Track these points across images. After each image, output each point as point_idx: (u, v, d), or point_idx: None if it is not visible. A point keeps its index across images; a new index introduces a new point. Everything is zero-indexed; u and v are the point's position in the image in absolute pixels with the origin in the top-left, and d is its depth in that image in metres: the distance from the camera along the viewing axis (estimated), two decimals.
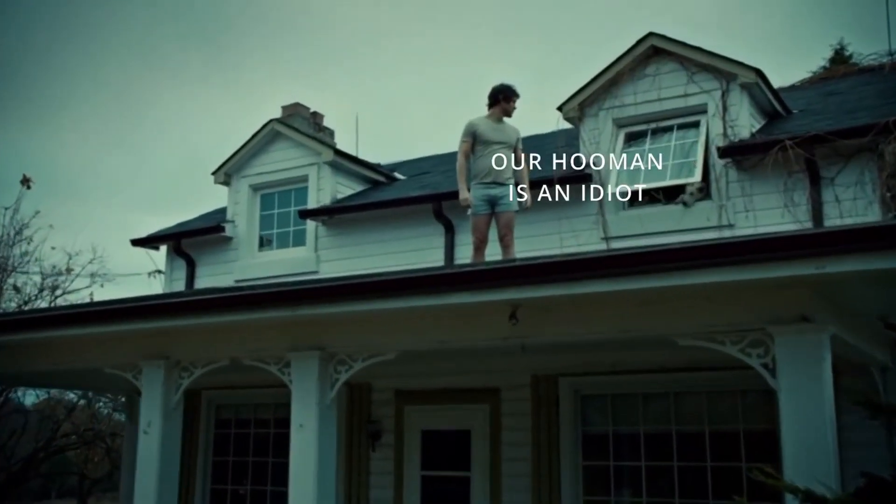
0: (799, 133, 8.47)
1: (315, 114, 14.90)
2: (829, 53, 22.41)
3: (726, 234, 8.75)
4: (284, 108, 14.42)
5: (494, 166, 7.65)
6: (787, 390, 5.00)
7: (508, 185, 7.75)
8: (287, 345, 6.68)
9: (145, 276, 13.17)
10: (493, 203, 7.70)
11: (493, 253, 7.98)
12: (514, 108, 7.87)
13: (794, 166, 8.44)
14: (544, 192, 9.43)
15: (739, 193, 8.87)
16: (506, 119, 7.98)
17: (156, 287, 12.81)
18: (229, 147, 12.30)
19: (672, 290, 5.05)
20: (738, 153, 8.86)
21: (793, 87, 11.99)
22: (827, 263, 4.47)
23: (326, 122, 15.00)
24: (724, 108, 9.13)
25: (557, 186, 9.47)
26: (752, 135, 9.07)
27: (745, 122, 9.08)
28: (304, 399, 6.60)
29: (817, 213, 8.31)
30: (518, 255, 9.49)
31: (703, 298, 5.26)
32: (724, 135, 9.05)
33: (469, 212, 7.83)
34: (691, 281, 4.85)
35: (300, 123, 13.78)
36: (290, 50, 52.40)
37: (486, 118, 7.92)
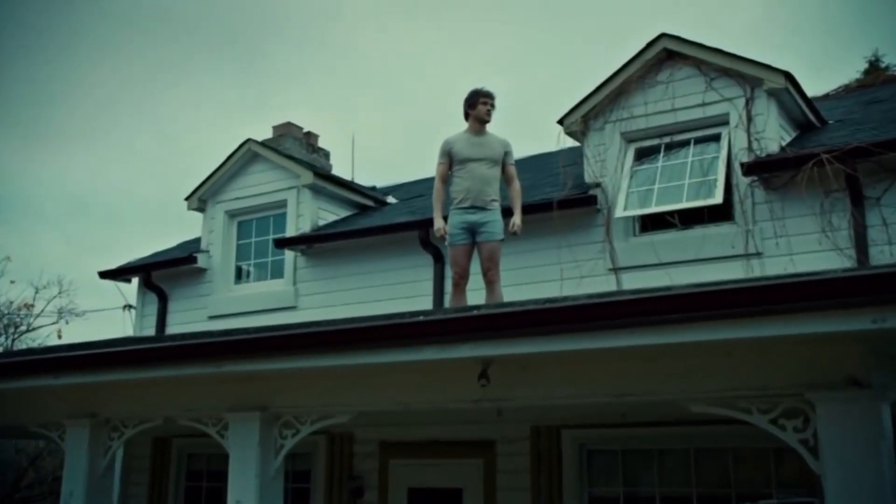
0: (837, 145, 7.30)
1: (309, 134, 13.92)
2: (862, 66, 21.28)
3: (753, 263, 7.60)
4: (275, 127, 13.48)
5: (472, 187, 6.54)
6: (834, 475, 3.86)
7: (491, 209, 6.61)
8: (225, 403, 5.72)
9: (120, 310, 12.03)
10: (473, 231, 6.58)
11: (480, 287, 6.86)
12: (488, 109, 6.73)
13: (832, 184, 7.27)
14: (542, 218, 8.31)
15: (768, 216, 7.69)
16: (490, 131, 6.86)
17: (127, 324, 11.79)
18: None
19: (682, 345, 3.92)
20: (765, 169, 7.68)
21: (826, 97, 10.80)
22: (888, 315, 3.31)
23: (325, 144, 14.05)
24: (749, 119, 7.96)
25: (557, 210, 8.31)
26: (782, 148, 7.90)
27: (774, 134, 7.90)
28: (242, 469, 5.58)
29: (861, 239, 7.13)
30: (519, 290, 8.42)
31: (723, 355, 4.18)
32: (749, 149, 7.89)
33: (446, 242, 6.71)
34: (706, 337, 3.72)
35: (292, 144, 12.82)
36: (308, 72, 51.88)
37: (464, 133, 6.83)
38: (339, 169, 14.53)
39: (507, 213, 6.87)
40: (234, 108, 45.58)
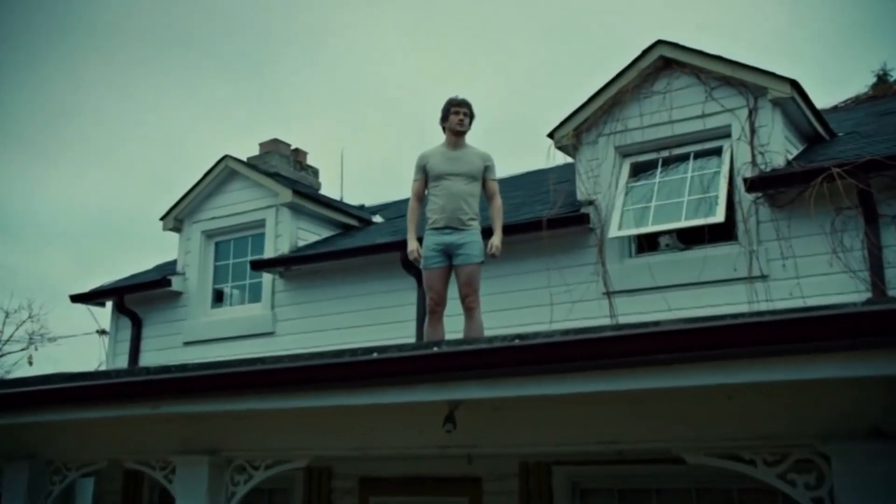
0: (849, 159, 6.73)
1: (297, 151, 13.37)
2: (870, 80, 20.74)
3: (758, 286, 7.03)
4: (262, 144, 12.93)
5: (447, 205, 5.99)
6: None
7: (468, 228, 6.04)
8: (173, 446, 5.21)
9: (95, 336, 11.50)
10: (449, 253, 6.01)
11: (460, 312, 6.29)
12: (461, 119, 6.17)
13: (843, 201, 6.71)
14: (530, 238, 7.75)
15: (774, 236, 7.11)
16: (469, 143, 6.31)
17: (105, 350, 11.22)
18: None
19: (676, 389, 3.36)
20: (770, 185, 7.12)
21: (835, 109, 10.23)
22: None
23: (319, 161, 13.58)
24: (752, 131, 7.40)
25: (546, 230, 7.74)
26: (789, 162, 7.33)
27: (779, 148, 7.34)
28: None
29: (875, 261, 6.56)
30: (505, 316, 7.91)
31: (723, 397, 3.66)
32: (753, 163, 7.32)
33: (420, 265, 6.15)
34: (700, 382, 3.17)
35: (279, 161, 12.26)
36: (306, 88, 51.55)
37: (441, 146, 6.29)
38: (330, 187, 14.02)
39: (489, 233, 6.31)
40: (234, 122, 45.24)
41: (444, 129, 6.27)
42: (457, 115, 6.10)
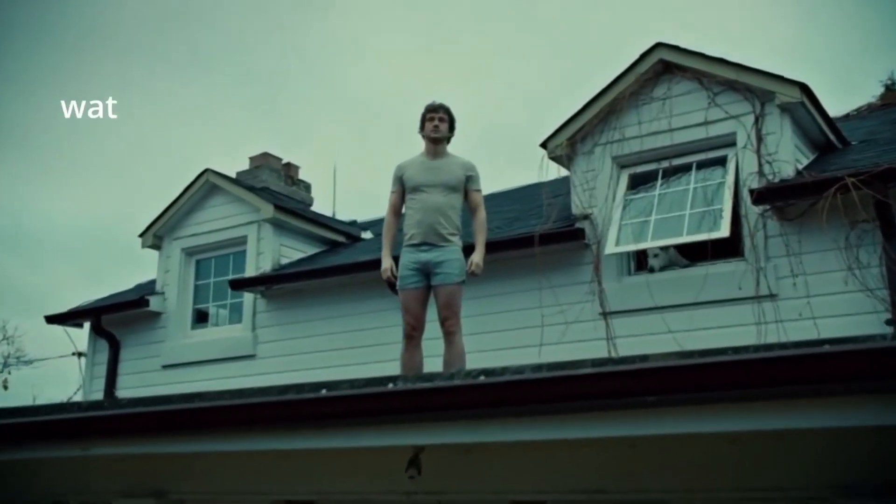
0: (864, 168, 6.18)
1: (289, 165, 12.91)
2: (878, 90, 20.23)
3: (766, 306, 6.48)
4: (252, 158, 12.48)
5: (424, 219, 5.49)
6: None
7: (446, 245, 5.53)
8: (117, 486, 4.71)
9: (74, 359, 10.99)
10: (426, 272, 5.50)
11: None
12: (435, 125, 5.72)
13: (859, 213, 6.17)
14: (521, 255, 7.23)
15: (783, 252, 6.57)
16: (451, 152, 5.83)
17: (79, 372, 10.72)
18: None
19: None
20: (779, 197, 6.58)
21: (847, 117, 9.67)
22: None
23: (316, 176, 13.10)
24: (759, 139, 6.87)
25: (538, 246, 7.20)
26: (799, 172, 6.79)
27: (788, 157, 6.80)
28: None
29: (895, 278, 5.98)
30: (493, 339, 7.40)
31: (726, 441, 3.09)
32: (760, 173, 6.79)
33: (397, 286, 5.64)
34: (695, 429, 2.65)
35: (269, 176, 11.80)
36: (308, 102, 51.20)
37: (419, 156, 5.81)
38: (324, 202, 13.55)
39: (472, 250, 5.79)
40: (234, 134, 44.85)
41: (423, 137, 5.80)
42: (431, 122, 5.62)
